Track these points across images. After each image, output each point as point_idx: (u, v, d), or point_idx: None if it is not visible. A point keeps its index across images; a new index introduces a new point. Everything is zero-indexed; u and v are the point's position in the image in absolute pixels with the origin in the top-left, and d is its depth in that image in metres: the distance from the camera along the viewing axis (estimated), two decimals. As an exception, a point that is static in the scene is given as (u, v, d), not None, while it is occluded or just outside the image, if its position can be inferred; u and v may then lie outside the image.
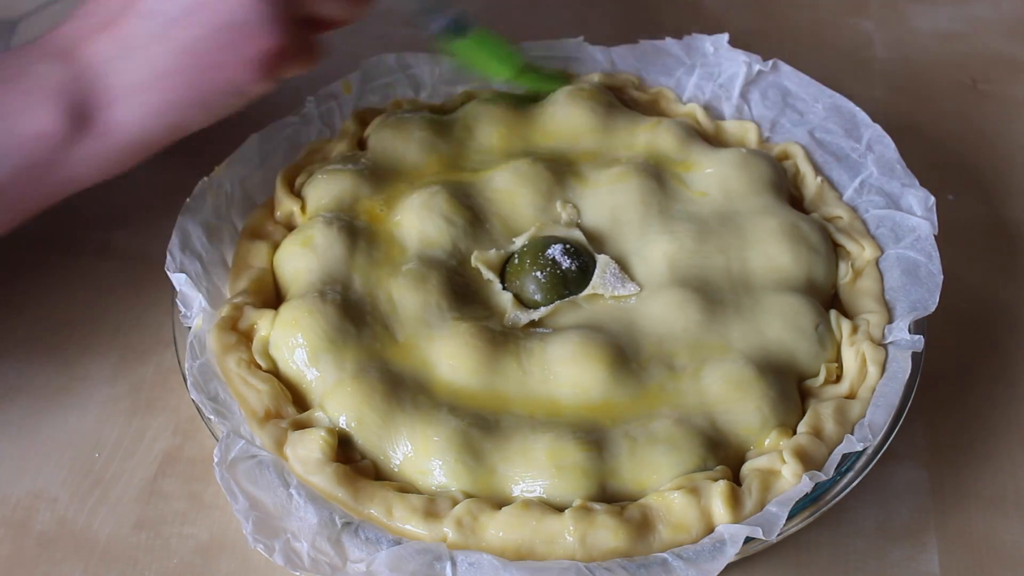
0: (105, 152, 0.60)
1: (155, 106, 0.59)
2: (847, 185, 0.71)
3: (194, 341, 0.61)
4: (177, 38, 0.58)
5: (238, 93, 0.61)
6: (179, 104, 0.60)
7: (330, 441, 0.57)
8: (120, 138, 0.59)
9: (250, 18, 0.58)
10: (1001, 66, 0.89)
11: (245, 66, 0.59)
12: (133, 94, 0.59)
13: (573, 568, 0.52)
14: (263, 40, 0.59)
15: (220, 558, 0.59)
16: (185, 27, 0.58)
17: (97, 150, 0.59)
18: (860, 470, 0.57)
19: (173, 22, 0.58)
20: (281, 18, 0.59)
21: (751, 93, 0.76)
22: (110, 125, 0.59)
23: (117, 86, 0.58)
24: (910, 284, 0.64)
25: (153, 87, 0.59)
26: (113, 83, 0.58)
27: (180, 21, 0.58)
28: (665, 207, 0.68)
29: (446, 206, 0.67)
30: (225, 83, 0.60)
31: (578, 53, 0.79)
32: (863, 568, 0.59)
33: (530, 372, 0.60)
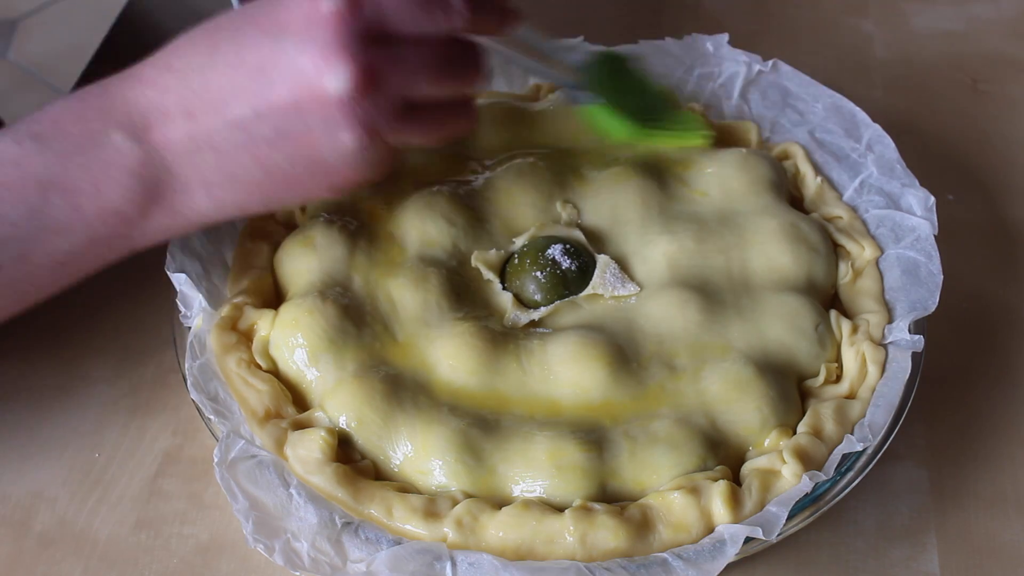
0: (173, 227, 0.58)
1: (227, 202, 0.58)
2: (847, 185, 0.71)
3: (194, 341, 0.61)
4: (265, 157, 0.56)
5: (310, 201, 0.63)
6: (250, 205, 0.59)
7: (330, 441, 0.57)
8: (188, 219, 0.58)
9: (344, 162, 0.56)
10: (1001, 66, 0.89)
11: (325, 189, 0.59)
12: (208, 188, 0.57)
13: (573, 568, 0.52)
14: (351, 177, 0.58)
15: (220, 558, 0.59)
16: (273, 150, 0.56)
17: (165, 225, 0.58)
18: (860, 470, 0.57)
19: (263, 141, 0.55)
20: (374, 163, 0.57)
21: (751, 93, 0.76)
22: (181, 208, 0.57)
23: (193, 178, 0.56)
24: (910, 284, 0.64)
25: (230, 188, 0.57)
26: (189, 175, 0.56)
27: (270, 143, 0.55)
28: (665, 207, 0.68)
29: (446, 206, 0.67)
30: (302, 196, 0.61)
31: (578, 53, 0.78)
32: (863, 568, 0.59)
33: (530, 372, 0.60)
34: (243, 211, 0.59)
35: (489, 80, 0.63)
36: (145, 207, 0.56)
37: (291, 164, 0.56)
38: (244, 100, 0.55)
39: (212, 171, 0.56)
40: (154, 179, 0.56)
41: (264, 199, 0.59)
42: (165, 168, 0.56)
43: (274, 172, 0.57)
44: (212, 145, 0.56)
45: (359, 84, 0.54)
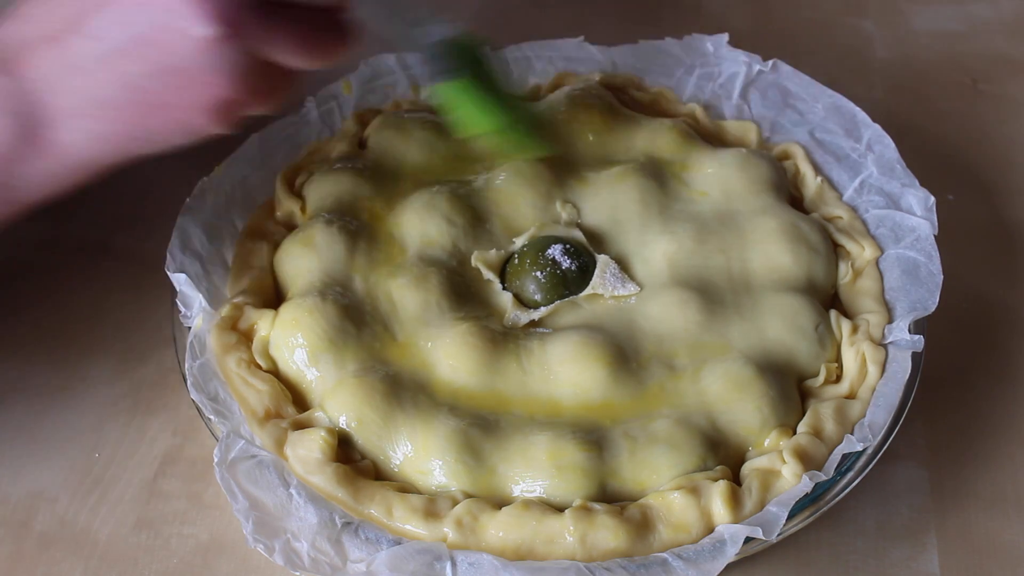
0: (51, 171, 0.56)
1: (98, 133, 0.55)
2: (847, 185, 0.71)
3: (194, 341, 0.61)
4: (121, 70, 0.53)
5: (185, 134, 0.56)
6: (123, 135, 0.55)
7: (330, 441, 0.57)
8: (68, 159, 0.56)
9: (200, 64, 0.52)
10: (1001, 66, 0.89)
11: (191, 110, 0.54)
12: (76, 118, 0.54)
13: (573, 568, 0.52)
14: (213, 88, 0.53)
15: (220, 558, 0.59)
16: (131, 59, 0.53)
17: (45, 169, 0.56)
18: (860, 470, 0.57)
19: (119, 51, 0.53)
20: (233, 66, 0.53)
21: (751, 93, 0.76)
22: (55, 145, 0.55)
23: (60, 107, 0.54)
24: (910, 284, 0.64)
25: (95, 115, 0.54)
26: (56, 103, 0.54)
27: (126, 52, 0.53)
28: (665, 207, 0.68)
29: (446, 206, 0.67)
30: (173, 123, 0.55)
31: (578, 53, 0.79)
32: (863, 568, 0.59)
33: (530, 372, 0.60)
34: (118, 147, 0.56)
35: None
36: (19, 147, 0.54)
37: (148, 75, 0.53)
38: (96, 9, 0.53)
39: (75, 95, 0.54)
40: (25, 113, 0.54)
41: (134, 127, 0.55)
42: (35, 100, 0.54)
43: (133, 89, 0.53)
44: (73, 65, 0.53)
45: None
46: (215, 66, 0.52)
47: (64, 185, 0.57)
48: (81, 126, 0.55)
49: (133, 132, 0.55)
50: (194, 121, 0.55)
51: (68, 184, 0.57)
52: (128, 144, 0.56)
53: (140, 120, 0.55)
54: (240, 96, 0.54)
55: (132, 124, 0.55)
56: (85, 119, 0.55)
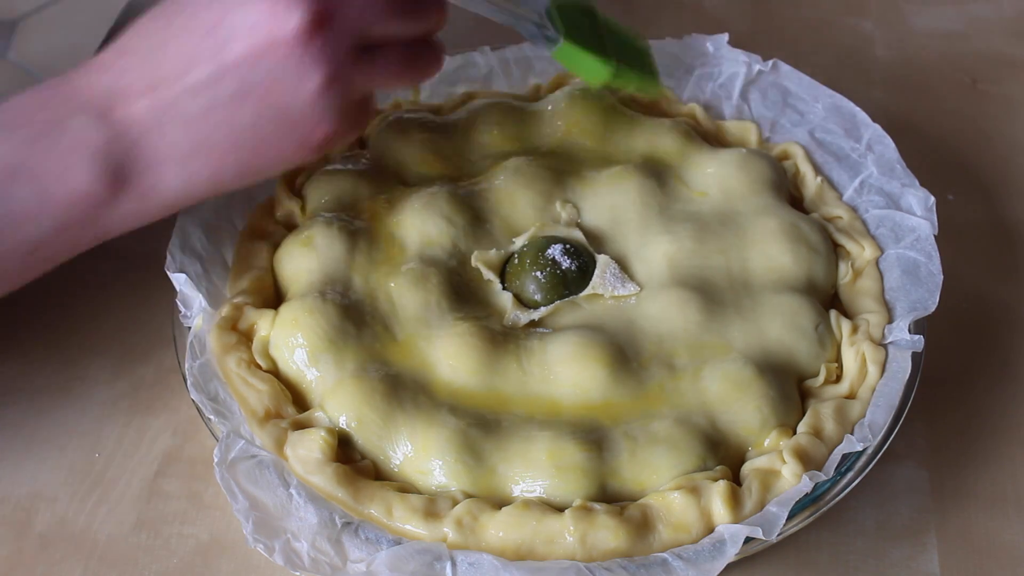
0: (143, 212, 0.57)
1: (200, 175, 0.57)
2: (847, 185, 0.71)
3: (194, 341, 0.61)
4: (231, 117, 0.55)
5: (285, 166, 0.59)
6: (223, 175, 0.58)
7: (330, 441, 0.57)
8: (160, 200, 0.57)
9: (311, 110, 0.56)
10: (1001, 66, 0.89)
11: (296, 148, 0.58)
12: (178, 161, 0.56)
13: (573, 568, 0.52)
14: (321, 129, 0.57)
15: (220, 558, 0.59)
16: (242, 108, 0.55)
17: (135, 210, 0.57)
18: (860, 470, 0.57)
19: (231, 100, 0.55)
20: (340, 108, 0.56)
21: (751, 93, 0.76)
22: (151, 189, 0.56)
23: (161, 152, 0.56)
24: (910, 284, 0.64)
25: (199, 158, 0.56)
26: (157, 148, 0.56)
27: (238, 101, 0.55)
28: (665, 207, 0.68)
29: (446, 206, 0.67)
30: (274, 160, 0.58)
31: (578, 53, 0.78)
32: (863, 568, 0.59)
33: (530, 372, 0.60)
34: (216, 186, 0.58)
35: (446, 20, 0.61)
36: (113, 189, 0.55)
37: (258, 120, 0.56)
38: (203, 63, 0.55)
39: (179, 142, 0.56)
40: (120, 158, 0.55)
41: (237, 168, 0.57)
42: (131, 146, 0.55)
43: (242, 133, 0.56)
44: (177, 114, 0.55)
45: (314, 19, 0.54)
46: (324, 110, 0.56)
47: (148, 221, 0.59)
48: (182, 170, 0.56)
49: (234, 171, 0.58)
50: (296, 157, 0.58)
51: (153, 219, 0.59)
52: (226, 183, 0.58)
53: (245, 161, 0.57)
54: (343, 131, 0.58)
55: (236, 165, 0.57)
56: (186, 163, 0.56)
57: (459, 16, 0.93)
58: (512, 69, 0.78)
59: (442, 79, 0.77)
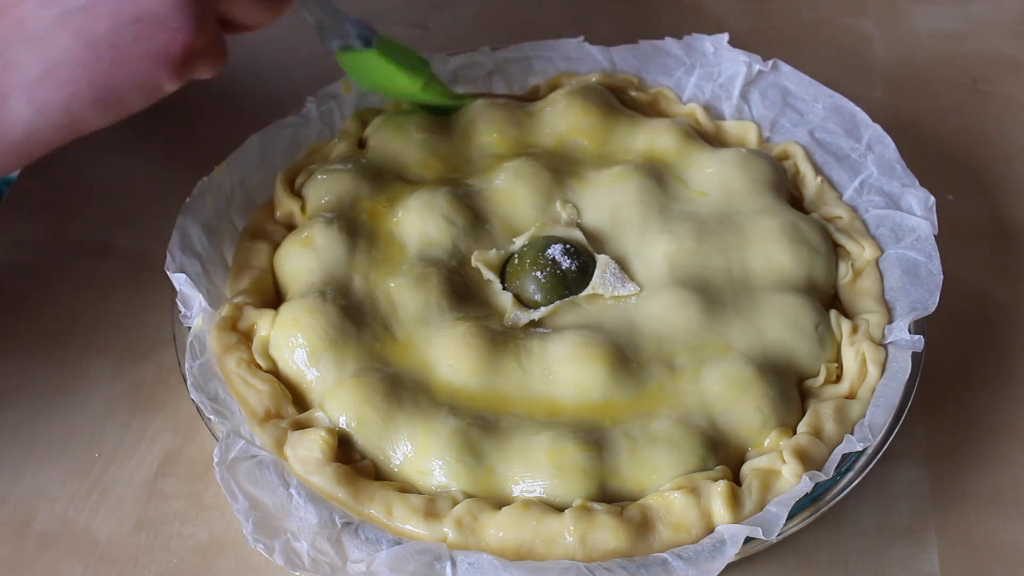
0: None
1: (52, 102, 0.53)
2: (847, 185, 0.71)
3: (194, 341, 0.61)
4: (81, 28, 0.52)
5: (144, 92, 0.55)
6: (79, 101, 0.54)
7: (330, 441, 0.57)
8: (13, 139, 0.53)
9: (163, 11, 0.53)
10: (1001, 66, 0.89)
11: (155, 62, 0.54)
12: (28, 88, 0.52)
13: (573, 568, 0.52)
14: (176, 35, 0.53)
15: (220, 558, 0.59)
16: (90, 16, 0.52)
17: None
18: (860, 470, 0.57)
19: (77, 10, 0.52)
20: (196, 13, 0.54)
21: (751, 93, 0.76)
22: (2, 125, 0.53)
23: (9, 82, 0.52)
24: (910, 284, 0.64)
25: (51, 81, 0.53)
26: (7, 75, 0.52)
27: (85, 9, 0.52)
28: (665, 207, 0.68)
29: (446, 206, 0.67)
30: (131, 80, 0.54)
31: (578, 53, 0.79)
32: (863, 568, 0.59)
33: (530, 372, 0.60)
34: (71, 118, 0.54)
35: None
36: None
37: (114, 28, 0.52)
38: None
39: (28, 64, 0.52)
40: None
41: (93, 90, 0.54)
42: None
43: (96, 44, 0.52)
44: (24, 34, 0.52)
45: None
46: (183, 11, 0.53)
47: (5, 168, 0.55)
48: (31, 97, 0.53)
49: (88, 96, 0.54)
50: (155, 75, 0.54)
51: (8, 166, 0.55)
52: (81, 113, 0.54)
53: (101, 79, 0.53)
54: (198, 46, 0.54)
55: (88, 86, 0.53)
56: (36, 88, 0.53)
57: (459, 17, 0.93)
58: (512, 69, 0.78)
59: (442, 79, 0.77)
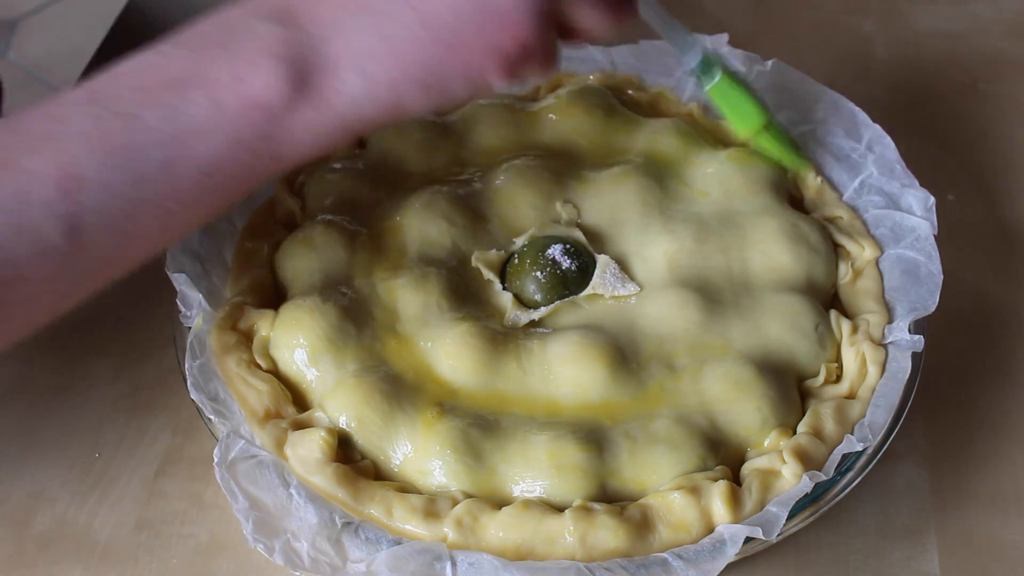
0: (322, 124, 0.53)
1: (383, 78, 0.53)
2: (847, 185, 0.71)
3: (194, 341, 0.61)
4: (423, 9, 0.52)
5: (471, 83, 0.54)
6: (408, 80, 0.53)
7: (330, 441, 0.57)
8: (339, 109, 0.53)
9: (508, 5, 0.52)
10: (1001, 66, 0.89)
11: (489, 55, 0.53)
12: (360, 61, 0.52)
13: (573, 568, 0.52)
14: (516, 30, 0.53)
15: (220, 558, 0.59)
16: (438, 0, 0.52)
17: (314, 121, 0.53)
18: (860, 470, 0.57)
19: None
20: (539, 12, 0.53)
21: (751, 93, 0.76)
22: (331, 94, 0.52)
23: (344, 52, 0.52)
24: (910, 284, 0.65)
25: (384, 58, 0.52)
26: (339, 48, 0.52)
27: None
28: (665, 207, 0.68)
29: (446, 206, 0.67)
30: (463, 68, 0.54)
31: (578, 53, 0.78)
32: (863, 568, 0.59)
33: (530, 372, 0.60)
34: (397, 95, 0.54)
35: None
36: (291, 95, 0.52)
37: (456, 13, 0.52)
38: None
39: (365, 37, 0.52)
40: (300, 60, 0.52)
41: (423, 71, 0.53)
42: (312, 46, 0.52)
43: (436, 26, 0.52)
44: (366, 6, 0.52)
45: None
46: (527, 6, 0.52)
47: (328, 143, 0.55)
48: (363, 70, 0.53)
49: (419, 76, 0.53)
50: (485, 67, 0.54)
51: (332, 142, 0.55)
52: (408, 93, 0.54)
53: (433, 61, 0.53)
54: (535, 45, 0.54)
55: (420, 67, 0.53)
56: (368, 62, 0.52)
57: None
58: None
59: None
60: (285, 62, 0.51)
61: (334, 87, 0.52)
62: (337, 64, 0.52)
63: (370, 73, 0.53)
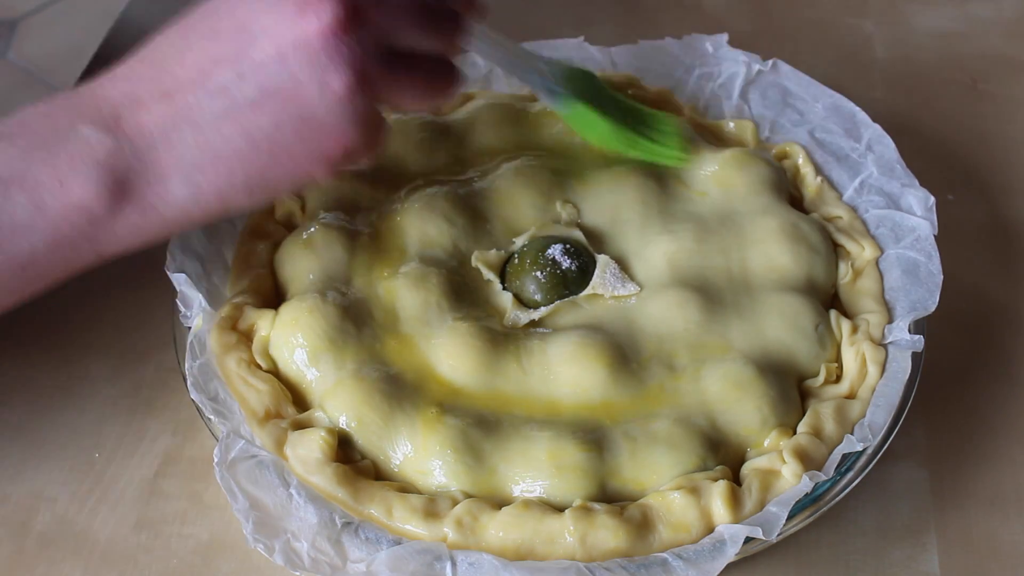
0: (146, 227, 0.54)
1: (209, 187, 0.54)
2: (847, 185, 0.71)
3: (194, 341, 0.61)
4: (246, 123, 0.53)
5: (297, 183, 0.56)
6: (233, 189, 0.54)
7: (330, 441, 0.57)
8: (166, 215, 0.54)
9: (330, 119, 0.53)
10: (1001, 66, 0.89)
11: (313, 161, 0.55)
12: (187, 173, 0.53)
13: (573, 568, 0.52)
14: (339, 141, 0.54)
15: (220, 558, 0.59)
16: (257, 112, 0.53)
17: (138, 225, 0.54)
18: (860, 470, 0.57)
19: (250, 105, 0.53)
20: (362, 116, 0.54)
21: (751, 93, 0.76)
22: (157, 201, 0.54)
23: (170, 163, 0.53)
24: (910, 284, 0.65)
25: (209, 169, 0.53)
26: (165, 159, 0.53)
27: (258, 105, 0.53)
28: (665, 207, 0.68)
29: (446, 206, 0.67)
30: (286, 173, 0.55)
31: (578, 53, 0.78)
32: (863, 568, 0.59)
33: (530, 372, 0.60)
34: (223, 202, 0.55)
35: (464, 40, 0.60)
36: (114, 202, 0.53)
37: (276, 126, 0.53)
38: (224, 65, 0.53)
39: (190, 149, 0.53)
40: (124, 169, 0.53)
41: (248, 180, 0.54)
42: (137, 156, 0.53)
43: (259, 140, 0.53)
44: (190, 120, 0.53)
45: (343, 18, 0.52)
46: (347, 116, 0.53)
47: (148, 240, 0.56)
48: (189, 183, 0.54)
49: (244, 185, 0.55)
50: (310, 171, 0.55)
51: (153, 239, 0.56)
52: (234, 199, 0.55)
53: (257, 174, 0.54)
54: (361, 146, 0.55)
55: (245, 176, 0.54)
56: (195, 173, 0.54)
57: (459, 16, 0.93)
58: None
59: None
60: (108, 171, 0.52)
61: (160, 195, 0.54)
62: (163, 174, 0.53)
63: (196, 183, 0.54)
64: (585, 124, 0.69)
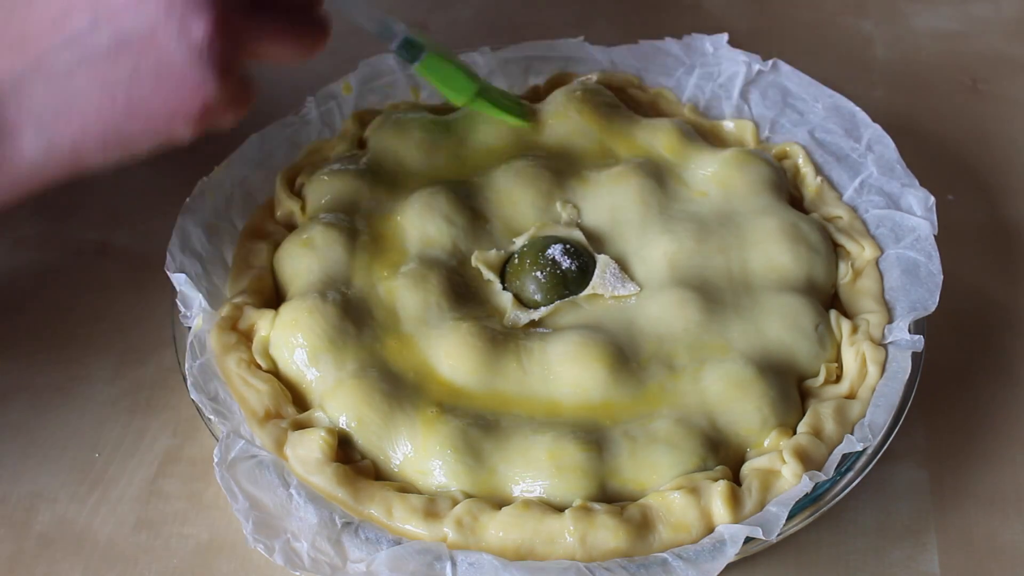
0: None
1: (62, 142, 0.52)
2: (847, 185, 0.71)
3: (194, 341, 0.61)
4: (101, 74, 0.51)
5: (156, 139, 0.53)
6: (87, 141, 0.52)
7: (330, 441, 0.57)
8: (15, 172, 0.52)
9: (189, 68, 0.51)
10: (1001, 66, 0.89)
11: (171, 115, 0.52)
12: (40, 126, 0.51)
13: (573, 568, 0.52)
14: (198, 92, 0.51)
15: (220, 558, 0.59)
16: (111, 64, 0.50)
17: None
18: (860, 470, 0.57)
19: (103, 56, 0.50)
20: (222, 70, 0.51)
21: (751, 93, 0.76)
22: (11, 155, 0.51)
23: (23, 114, 0.51)
24: (910, 284, 0.65)
25: (62, 120, 0.51)
26: (16, 112, 0.51)
27: (111, 56, 0.50)
28: (665, 207, 0.68)
29: (446, 206, 0.67)
30: (144, 128, 0.53)
31: (578, 53, 0.79)
32: (863, 568, 0.59)
33: (530, 372, 0.60)
34: (78, 158, 0.53)
35: None
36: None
37: (133, 76, 0.51)
38: (77, 12, 0.50)
39: (41, 103, 0.51)
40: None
41: (104, 135, 0.52)
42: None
43: (115, 92, 0.51)
44: (41, 70, 0.50)
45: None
46: (207, 65, 0.51)
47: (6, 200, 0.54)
48: (42, 134, 0.52)
49: (99, 139, 0.53)
50: (171, 127, 0.53)
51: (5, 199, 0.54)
52: (89, 155, 0.53)
53: (115, 126, 0.52)
54: (222, 100, 0.52)
55: (101, 130, 0.52)
56: (48, 126, 0.52)
57: (459, 17, 0.93)
58: (512, 69, 0.78)
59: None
60: None
61: (9, 151, 0.52)
62: (15, 128, 0.51)
63: (48, 136, 0.52)
64: (438, 75, 0.68)
